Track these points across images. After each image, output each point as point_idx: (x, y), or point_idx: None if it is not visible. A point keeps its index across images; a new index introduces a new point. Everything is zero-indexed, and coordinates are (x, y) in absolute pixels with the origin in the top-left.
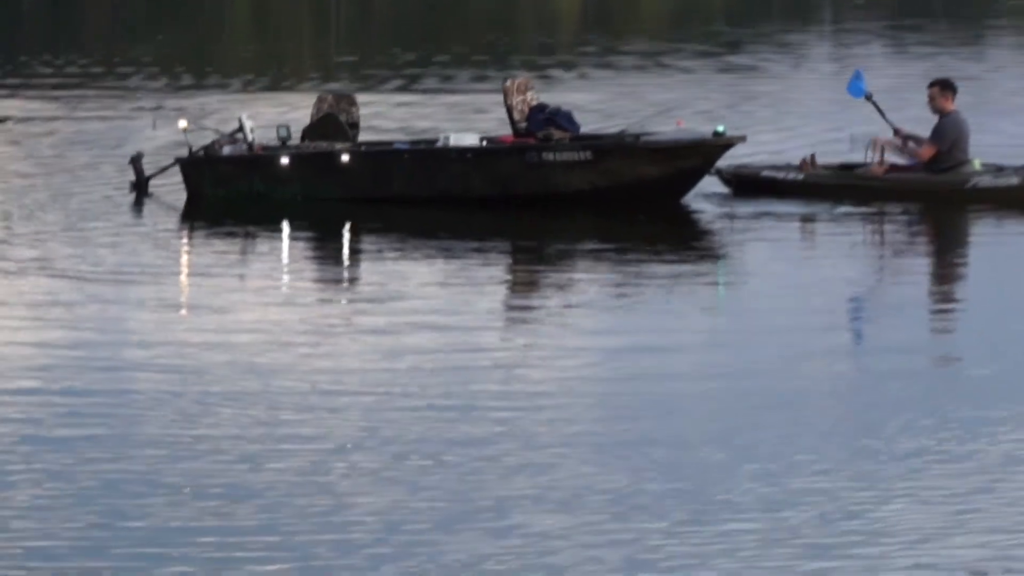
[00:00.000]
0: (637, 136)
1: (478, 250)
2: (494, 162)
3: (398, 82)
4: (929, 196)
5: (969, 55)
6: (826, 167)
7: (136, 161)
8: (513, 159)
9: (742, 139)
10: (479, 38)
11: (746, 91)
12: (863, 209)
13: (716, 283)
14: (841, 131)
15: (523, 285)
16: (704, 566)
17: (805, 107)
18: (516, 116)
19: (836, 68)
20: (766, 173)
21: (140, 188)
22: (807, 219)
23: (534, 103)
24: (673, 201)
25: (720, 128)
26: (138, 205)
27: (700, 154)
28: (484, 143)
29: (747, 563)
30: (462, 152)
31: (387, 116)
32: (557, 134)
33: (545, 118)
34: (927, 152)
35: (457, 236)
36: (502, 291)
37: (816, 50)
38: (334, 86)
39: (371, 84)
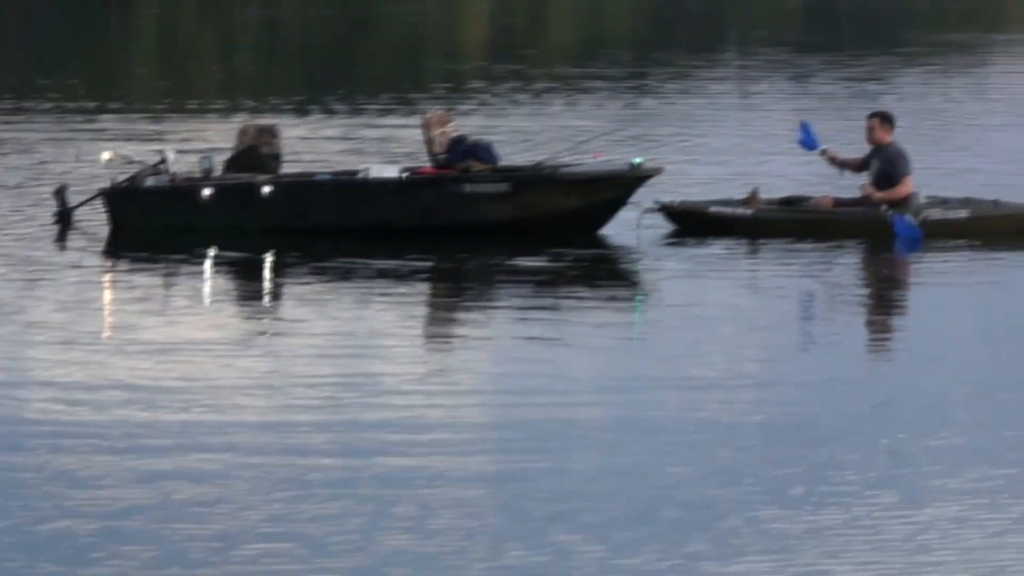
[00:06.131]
0: (555, 168)
1: (399, 279)
2: (415, 194)
3: (317, 115)
4: (879, 229)
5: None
6: (768, 202)
7: (60, 193)
8: (434, 191)
9: (659, 171)
10: (390, 69)
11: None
12: (810, 244)
13: (632, 315)
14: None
15: (443, 312)
16: None
17: (720, 140)
18: (436, 148)
19: (743, 101)
20: (713, 209)
21: (64, 219)
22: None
23: (454, 135)
24: (591, 233)
25: (637, 160)
26: (62, 237)
27: (618, 186)
28: (405, 175)
29: None
30: (383, 184)
31: (307, 148)
32: (477, 166)
33: (465, 150)
34: (904, 190)
35: (378, 267)
36: (421, 319)
37: (722, 84)
38: (256, 118)
39: (291, 116)
